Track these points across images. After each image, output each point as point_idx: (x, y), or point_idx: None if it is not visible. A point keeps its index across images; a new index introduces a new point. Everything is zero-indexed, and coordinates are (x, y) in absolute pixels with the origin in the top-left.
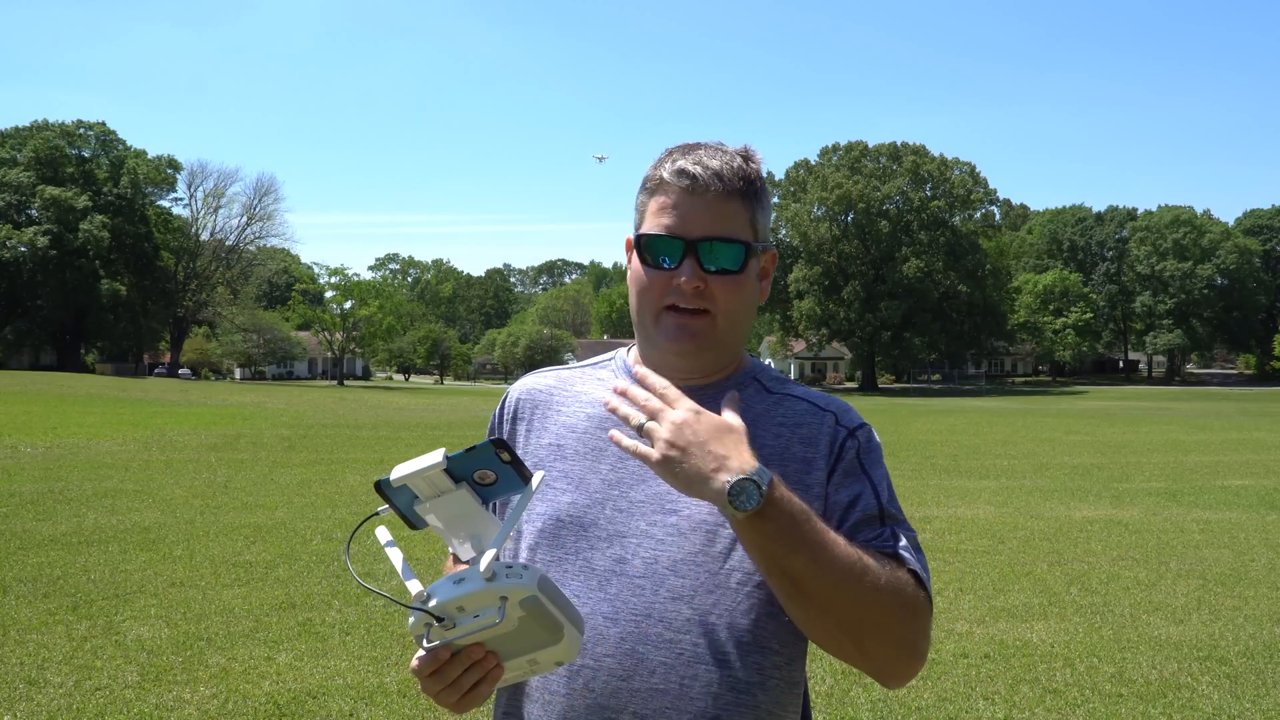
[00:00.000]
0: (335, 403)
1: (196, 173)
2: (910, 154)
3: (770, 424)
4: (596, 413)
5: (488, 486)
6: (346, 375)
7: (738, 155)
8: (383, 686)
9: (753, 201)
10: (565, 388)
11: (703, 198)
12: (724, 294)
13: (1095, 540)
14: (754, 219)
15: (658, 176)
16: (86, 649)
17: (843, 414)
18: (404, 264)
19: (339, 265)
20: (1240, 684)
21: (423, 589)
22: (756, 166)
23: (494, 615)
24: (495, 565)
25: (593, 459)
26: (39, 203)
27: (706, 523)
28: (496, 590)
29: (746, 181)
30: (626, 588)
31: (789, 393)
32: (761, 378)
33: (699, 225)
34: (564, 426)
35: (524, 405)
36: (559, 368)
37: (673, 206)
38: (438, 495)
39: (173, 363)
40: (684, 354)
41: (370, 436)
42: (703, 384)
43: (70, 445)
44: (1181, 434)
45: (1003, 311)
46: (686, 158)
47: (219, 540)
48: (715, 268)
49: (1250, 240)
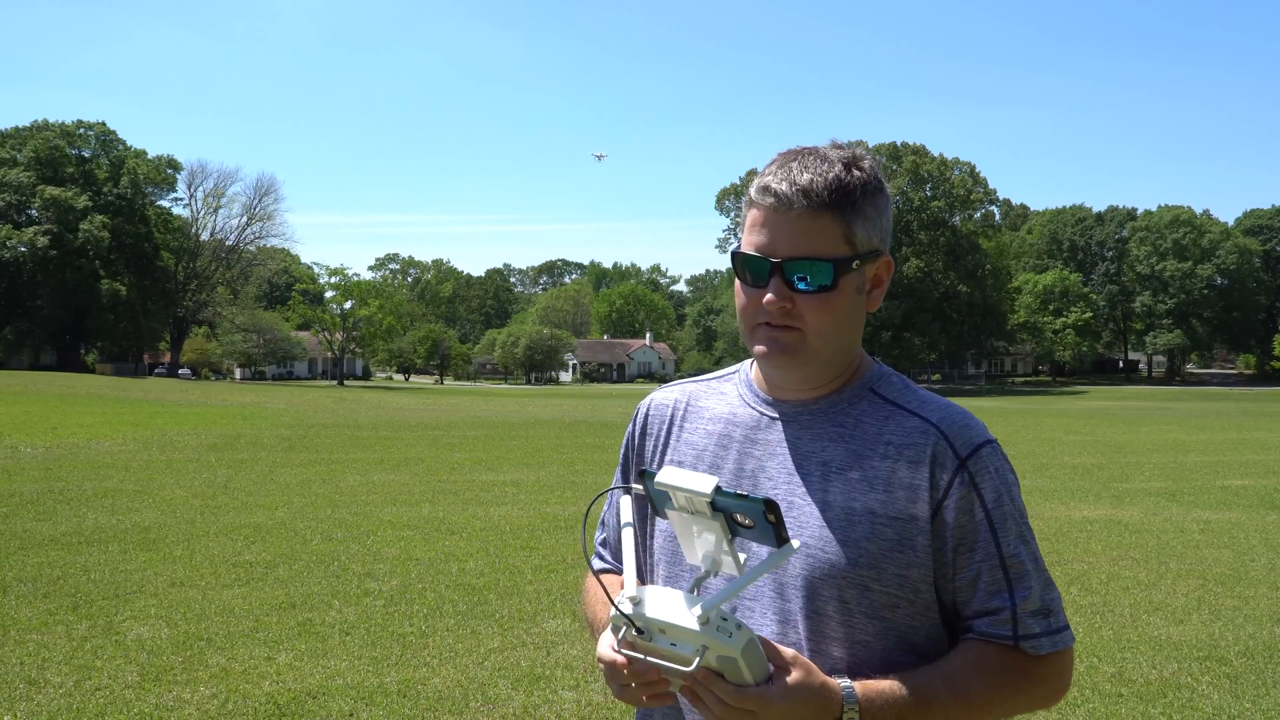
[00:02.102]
0: (335, 403)
1: (196, 173)
2: (910, 154)
3: (879, 443)
4: (716, 429)
5: (743, 527)
6: (346, 375)
7: (839, 163)
8: (383, 686)
9: (848, 213)
10: (691, 402)
11: (788, 215)
12: (813, 313)
13: (1095, 540)
14: (850, 232)
15: (750, 193)
16: (86, 649)
17: (956, 433)
18: (404, 264)
19: (339, 265)
20: (1240, 684)
21: (638, 591)
22: (861, 174)
23: (689, 657)
24: (713, 613)
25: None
26: (39, 203)
27: (809, 546)
28: (702, 637)
29: (841, 193)
30: (736, 606)
31: (903, 405)
32: (880, 388)
33: (785, 245)
34: (686, 443)
35: (653, 421)
36: (685, 381)
37: (762, 224)
38: (691, 512)
39: (173, 363)
40: (779, 367)
41: (370, 436)
42: (813, 397)
43: (70, 445)
44: (1181, 434)
45: (1003, 311)
46: (779, 172)
47: (219, 540)
48: (803, 287)
49: (1250, 240)
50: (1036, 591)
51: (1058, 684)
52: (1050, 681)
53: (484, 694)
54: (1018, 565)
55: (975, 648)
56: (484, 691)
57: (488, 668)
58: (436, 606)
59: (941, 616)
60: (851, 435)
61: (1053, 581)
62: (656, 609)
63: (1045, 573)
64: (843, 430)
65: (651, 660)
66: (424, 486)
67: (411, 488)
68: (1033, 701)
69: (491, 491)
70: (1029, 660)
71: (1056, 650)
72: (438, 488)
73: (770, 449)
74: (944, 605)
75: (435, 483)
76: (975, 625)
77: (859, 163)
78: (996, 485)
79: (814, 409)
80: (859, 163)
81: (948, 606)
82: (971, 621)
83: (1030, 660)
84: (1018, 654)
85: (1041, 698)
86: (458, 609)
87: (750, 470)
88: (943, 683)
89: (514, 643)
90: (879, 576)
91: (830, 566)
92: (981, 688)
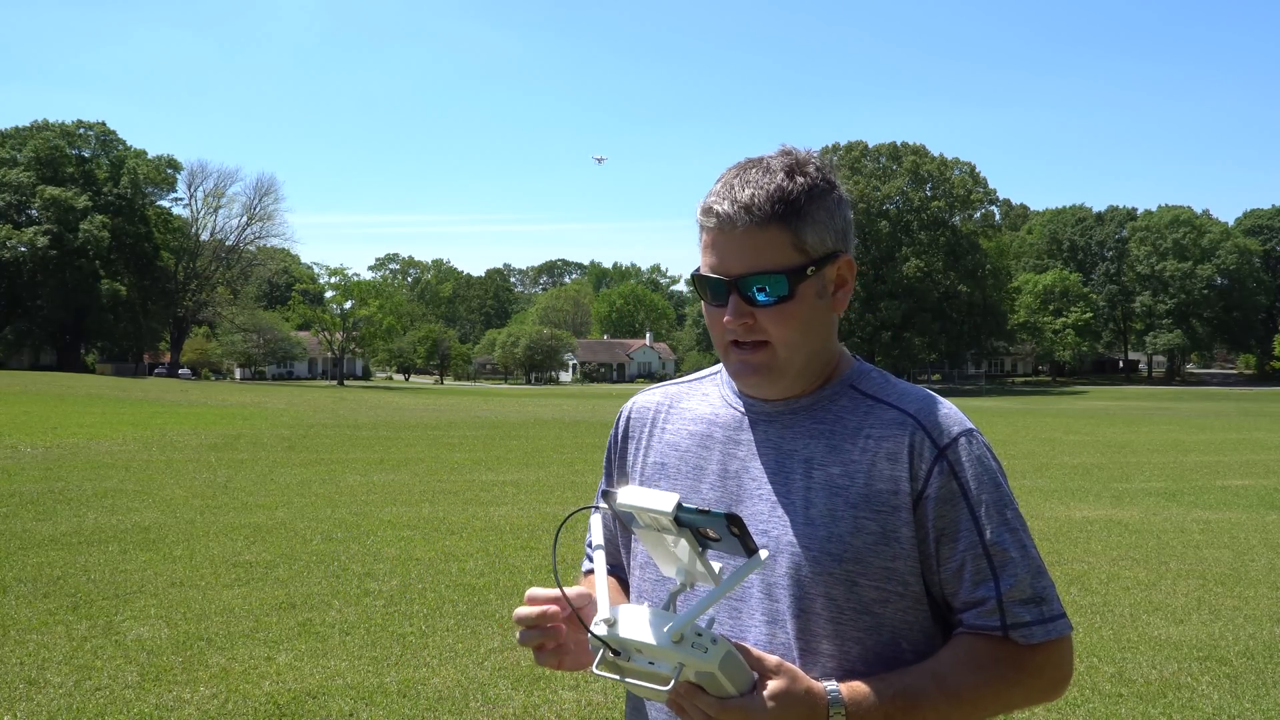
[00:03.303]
0: (335, 403)
1: (196, 173)
2: (910, 154)
3: (859, 437)
4: (699, 429)
5: (709, 540)
6: (346, 375)
7: (780, 172)
8: (383, 686)
9: (794, 222)
10: (672, 404)
11: (734, 234)
12: (775, 325)
13: (1095, 540)
14: (800, 239)
15: (697, 214)
16: (86, 649)
17: (934, 423)
18: (404, 264)
19: (339, 265)
20: (1240, 684)
21: (612, 612)
22: (805, 180)
23: (666, 676)
24: (687, 630)
25: (694, 478)
26: (39, 203)
27: (794, 544)
28: (678, 656)
29: (784, 204)
30: (723, 609)
31: (882, 398)
32: (859, 384)
33: (736, 262)
34: (668, 444)
35: (635, 424)
36: (667, 384)
37: (711, 245)
38: (658, 530)
39: (173, 363)
40: (752, 387)
41: (370, 436)
42: (794, 395)
43: (70, 445)
44: (1181, 434)
45: (1003, 311)
46: (721, 191)
47: (219, 540)
48: (762, 299)
49: (1250, 240)
50: (1025, 579)
51: (1055, 675)
52: (1046, 672)
53: (484, 694)
54: (1001, 553)
55: (965, 642)
56: (484, 691)
57: (488, 668)
58: (436, 606)
59: (933, 611)
60: (832, 431)
61: (1045, 570)
62: (630, 629)
63: (1036, 560)
64: (823, 426)
65: (631, 682)
66: (424, 486)
67: (411, 488)
68: (1029, 694)
69: (491, 491)
70: (1021, 651)
71: (1050, 639)
72: (438, 488)
73: (752, 449)
74: (934, 600)
75: (435, 483)
76: (964, 618)
77: (803, 168)
78: (977, 473)
79: (795, 407)
80: (803, 168)
81: (938, 601)
82: (961, 615)
83: (1023, 651)
84: (1009, 645)
85: (1039, 690)
86: (458, 609)
87: (734, 470)
88: (932, 680)
89: (514, 643)
90: (865, 571)
91: (815, 564)
92: (973, 683)
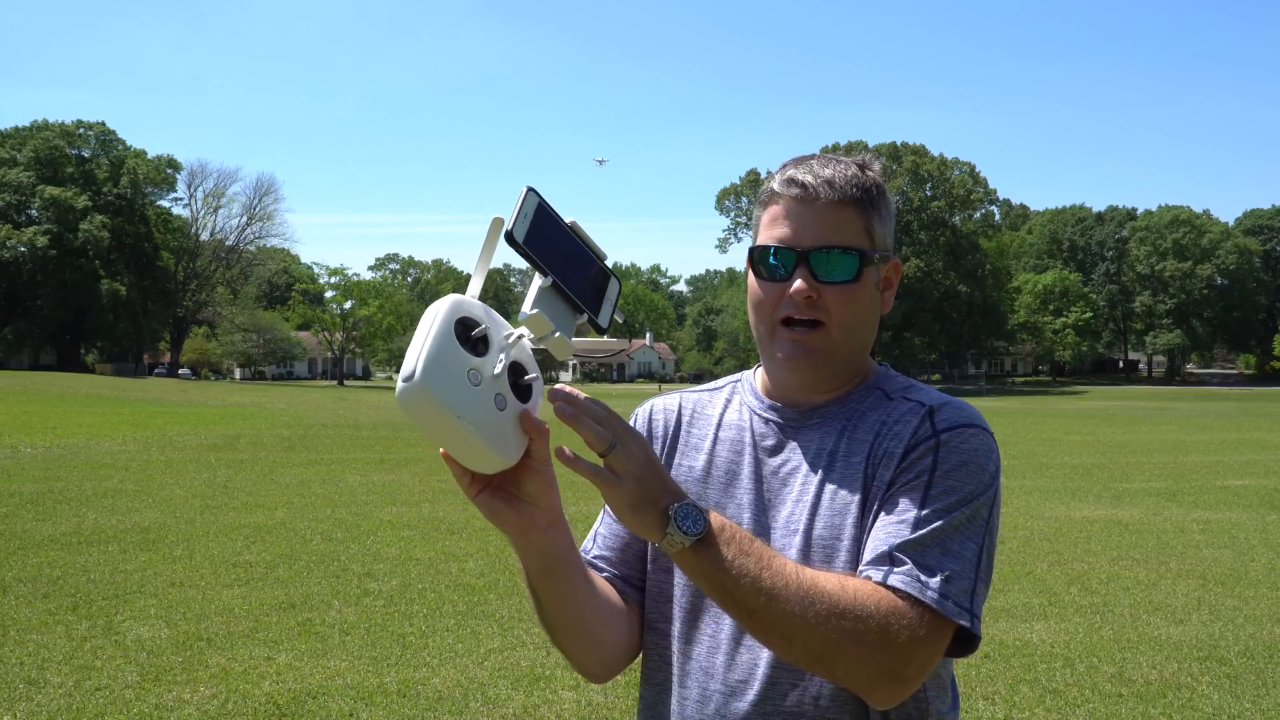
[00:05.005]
0: (335, 403)
1: (196, 173)
2: (910, 154)
3: (874, 425)
4: (727, 435)
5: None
6: (346, 375)
7: (853, 164)
8: (383, 686)
9: (869, 210)
10: (696, 409)
11: (814, 206)
12: (838, 304)
13: (1095, 540)
14: (870, 227)
15: (769, 188)
16: (86, 649)
17: (945, 413)
18: (404, 264)
19: (339, 265)
20: (1240, 684)
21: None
22: (874, 176)
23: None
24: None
25: (728, 484)
26: (39, 203)
27: (824, 538)
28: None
29: (861, 189)
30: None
31: (906, 395)
32: (885, 385)
33: (811, 234)
34: (694, 446)
35: (656, 423)
36: (684, 391)
37: (784, 216)
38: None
39: (173, 363)
40: (800, 370)
41: (370, 436)
42: (825, 400)
43: (70, 445)
44: (1181, 434)
45: (1003, 311)
46: (799, 168)
47: (219, 540)
48: (829, 278)
49: (1250, 240)
50: (931, 558)
51: (901, 647)
52: (890, 628)
53: (484, 694)
54: (927, 532)
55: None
56: (484, 691)
57: (488, 668)
58: (436, 606)
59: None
60: (855, 426)
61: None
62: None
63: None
64: (848, 425)
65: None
66: (424, 486)
67: (411, 488)
68: (864, 645)
69: None
70: (881, 593)
71: (916, 597)
72: (438, 488)
73: (785, 453)
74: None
75: (435, 483)
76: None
77: (870, 165)
78: (962, 460)
79: (824, 412)
80: (870, 165)
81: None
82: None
83: (883, 594)
84: (877, 588)
85: (875, 646)
86: (458, 609)
87: (766, 475)
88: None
89: (514, 643)
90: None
91: (846, 554)
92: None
